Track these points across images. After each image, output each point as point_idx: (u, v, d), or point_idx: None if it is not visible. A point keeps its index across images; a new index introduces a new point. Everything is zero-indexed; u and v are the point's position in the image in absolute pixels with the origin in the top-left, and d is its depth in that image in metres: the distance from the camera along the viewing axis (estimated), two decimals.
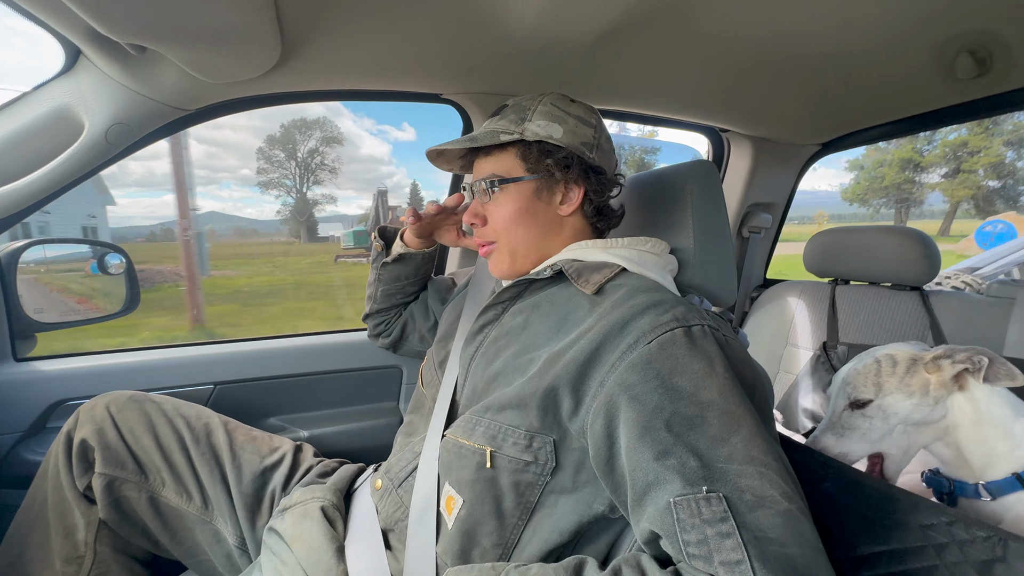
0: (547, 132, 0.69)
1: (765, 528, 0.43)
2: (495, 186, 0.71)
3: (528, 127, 0.69)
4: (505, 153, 0.71)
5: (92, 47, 0.69)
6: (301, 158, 26.21)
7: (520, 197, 0.71)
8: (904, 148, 25.40)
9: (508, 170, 0.71)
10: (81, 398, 0.96)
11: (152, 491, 0.81)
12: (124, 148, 0.83)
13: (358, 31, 0.75)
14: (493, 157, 0.72)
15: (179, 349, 1.10)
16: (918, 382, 0.67)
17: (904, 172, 25.77)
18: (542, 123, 0.69)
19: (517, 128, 0.69)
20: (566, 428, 0.57)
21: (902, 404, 0.67)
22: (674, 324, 0.55)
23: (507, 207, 0.71)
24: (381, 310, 1.04)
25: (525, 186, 0.71)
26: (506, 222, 0.71)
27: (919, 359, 0.68)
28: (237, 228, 30.54)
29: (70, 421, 0.81)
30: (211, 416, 0.90)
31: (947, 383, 0.66)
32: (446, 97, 1.04)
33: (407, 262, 0.97)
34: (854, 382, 0.71)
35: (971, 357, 0.64)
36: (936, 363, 0.66)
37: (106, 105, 0.76)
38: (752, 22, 0.80)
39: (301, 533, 0.71)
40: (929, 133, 23.20)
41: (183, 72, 0.74)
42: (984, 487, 0.63)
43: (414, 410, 0.82)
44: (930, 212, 29.32)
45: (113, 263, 1.16)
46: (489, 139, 0.69)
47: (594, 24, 0.78)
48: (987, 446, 0.64)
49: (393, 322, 1.05)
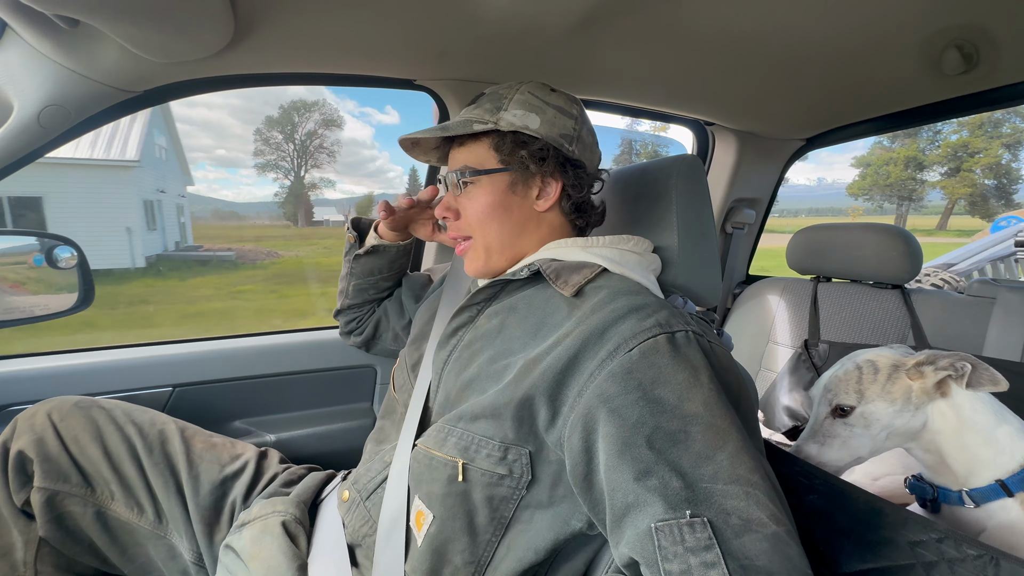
0: (523, 122, 0.64)
1: (752, 555, 0.40)
2: (467, 178, 0.67)
3: (503, 116, 0.65)
4: (479, 144, 0.67)
5: (18, 19, 0.62)
6: (299, 141, 25.61)
7: (493, 190, 0.66)
8: (909, 147, 26.76)
9: (481, 161, 0.67)
10: (22, 403, 0.89)
11: (99, 505, 0.75)
12: (62, 132, 0.75)
13: (319, 9, 0.69)
14: (467, 148, 0.68)
15: (134, 349, 1.04)
16: (900, 389, 0.65)
17: (907, 170, 27.37)
18: (518, 112, 0.65)
19: (492, 117, 0.65)
20: (543, 440, 0.54)
21: (884, 411, 0.65)
22: (657, 330, 0.52)
23: (480, 200, 0.67)
24: (353, 306, 0.99)
25: (499, 179, 0.66)
26: (479, 216, 0.67)
27: (901, 365, 0.66)
28: (216, 211, 29.52)
29: (6, 431, 0.75)
30: (167, 422, 0.84)
31: (929, 390, 0.64)
32: (420, 83, 0.98)
33: (381, 255, 0.92)
34: (835, 389, 0.69)
35: (954, 363, 0.62)
36: (918, 369, 0.64)
37: (38, 85, 0.69)
38: (738, 13, 0.78)
39: (260, 551, 0.67)
40: (933, 133, 25.36)
41: (124, 50, 0.67)
42: (968, 494, 0.62)
43: (385, 415, 0.77)
44: (929, 208, 31.42)
45: (63, 256, 1.08)
46: (462, 128, 0.65)
47: (573, 10, 0.74)
48: (970, 453, 0.62)
49: (366, 319, 1.00)
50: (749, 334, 1.44)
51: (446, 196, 0.71)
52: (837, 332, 1.26)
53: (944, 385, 0.64)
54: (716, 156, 1.49)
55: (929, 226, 26.73)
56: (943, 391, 0.64)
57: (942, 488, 0.64)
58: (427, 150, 0.75)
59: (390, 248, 0.92)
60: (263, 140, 25.39)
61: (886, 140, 28.62)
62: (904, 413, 0.64)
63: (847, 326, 1.24)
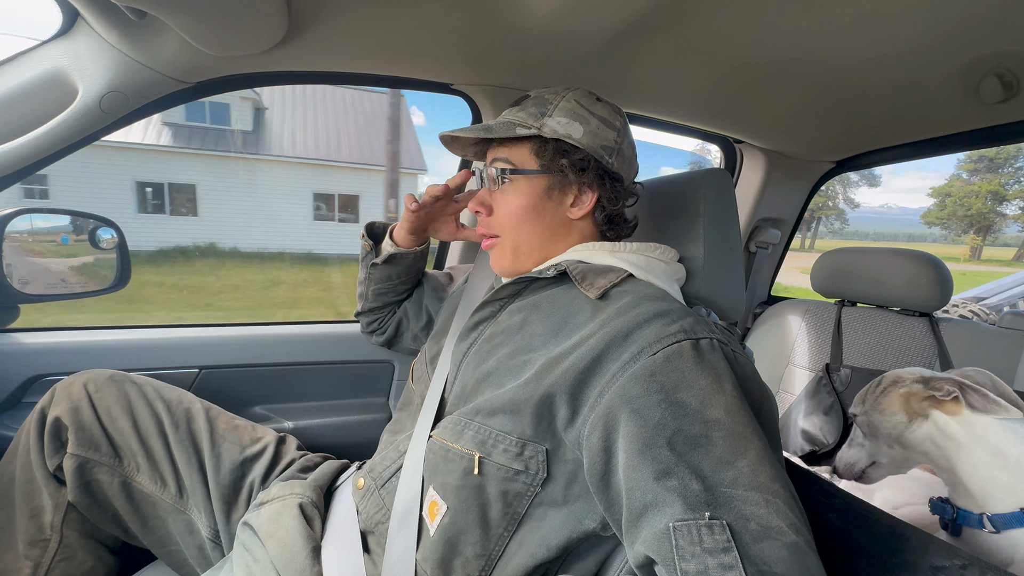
0: (566, 131, 0.65)
1: (770, 562, 0.40)
2: (505, 175, 0.68)
3: (547, 123, 0.66)
4: (520, 146, 0.68)
5: (91, 10, 0.66)
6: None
7: (530, 192, 0.67)
8: (991, 182, 28.94)
9: (521, 162, 0.68)
10: (60, 374, 0.93)
11: (125, 476, 0.78)
12: (119, 118, 0.80)
13: (368, 12, 0.72)
14: (507, 147, 0.69)
15: (165, 330, 1.07)
16: (892, 402, 0.72)
17: (989, 203, 29.35)
18: (562, 120, 0.66)
19: (535, 122, 0.66)
20: (560, 438, 0.54)
21: (879, 421, 0.73)
22: (681, 336, 0.52)
23: (515, 200, 0.68)
24: (374, 308, 1.00)
25: (536, 182, 0.67)
26: (512, 216, 0.68)
27: (899, 381, 0.73)
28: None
29: (45, 397, 0.78)
30: (193, 401, 0.87)
31: (921, 406, 0.69)
32: (456, 87, 1.01)
33: (398, 262, 0.92)
34: (854, 399, 0.78)
35: (941, 386, 0.67)
36: (911, 386, 0.71)
37: (102, 72, 0.73)
38: (773, 34, 0.78)
39: (276, 530, 0.68)
40: (1014, 169, 27.40)
41: (184, 42, 0.71)
42: (988, 518, 0.61)
43: (403, 407, 0.79)
44: (1005, 240, 33.71)
45: (105, 237, 1.13)
46: (504, 130, 0.66)
47: (611, 23, 0.76)
48: (983, 474, 0.63)
49: (387, 320, 1.02)
50: (769, 355, 1.42)
51: (481, 191, 0.72)
52: (861, 357, 1.23)
53: (951, 405, 0.67)
54: (743, 174, 1.48)
55: (1006, 257, 27.65)
56: (949, 410, 0.67)
57: (963, 510, 0.63)
58: (465, 146, 0.76)
59: (407, 255, 0.91)
60: None
61: (964, 173, 30.57)
62: (898, 425, 0.71)
63: (871, 352, 1.22)
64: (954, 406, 0.66)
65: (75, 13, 0.70)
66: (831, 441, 1.19)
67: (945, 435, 0.65)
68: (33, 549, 0.73)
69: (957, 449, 0.64)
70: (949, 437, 0.65)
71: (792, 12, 0.71)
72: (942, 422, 0.66)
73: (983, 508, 0.62)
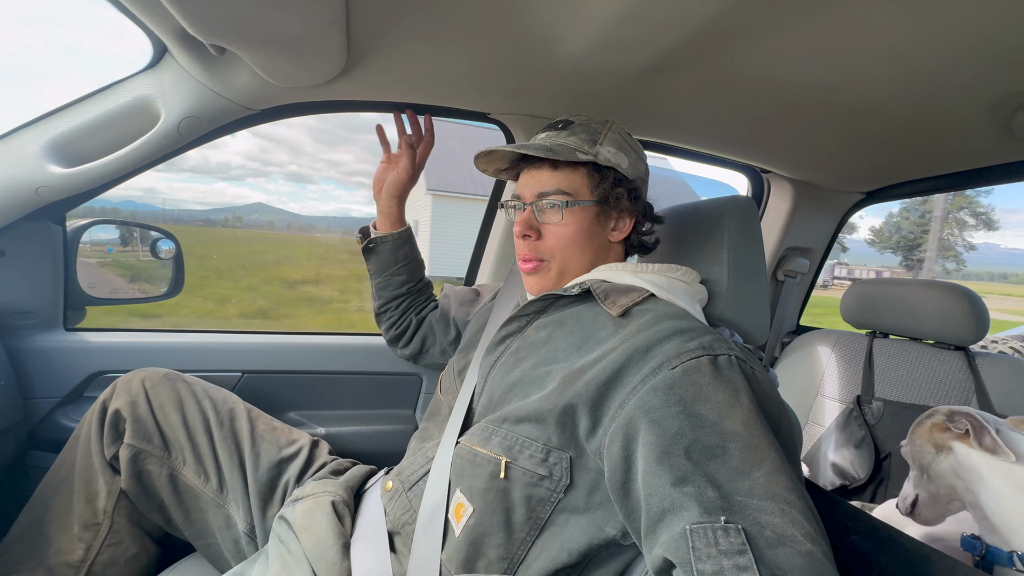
0: (616, 160, 0.70)
1: (785, 568, 0.40)
2: (564, 207, 0.70)
3: (600, 151, 0.70)
4: (575, 172, 0.71)
5: (178, 46, 0.75)
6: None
7: (585, 220, 0.71)
8: None
9: (575, 189, 0.71)
10: (119, 371, 1.00)
11: (173, 468, 0.83)
12: (191, 140, 0.89)
13: (418, 49, 0.80)
14: (560, 172, 0.71)
15: (213, 335, 1.15)
16: (923, 433, 0.75)
17: None
18: (612, 150, 0.71)
19: (591, 149, 0.70)
20: (583, 447, 0.57)
21: (914, 452, 0.76)
22: (700, 352, 0.54)
23: (570, 228, 0.71)
24: (382, 306, 1.05)
25: (590, 209, 0.72)
26: (566, 242, 0.71)
27: (934, 414, 0.76)
28: (292, 223, 31.61)
29: (107, 391, 0.85)
30: (236, 402, 0.92)
31: (943, 438, 0.72)
32: (493, 116, 1.08)
33: (383, 248, 1.00)
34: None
35: (962, 421, 0.69)
36: (936, 419, 0.74)
37: (183, 99, 0.82)
38: (799, 70, 0.80)
39: (310, 524, 0.72)
40: None
41: (255, 74, 0.80)
42: (1019, 556, 0.59)
43: (430, 417, 0.82)
44: None
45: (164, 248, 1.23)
46: (566, 155, 0.69)
47: (640, 59, 0.80)
48: (1007, 507, 0.63)
49: (405, 328, 1.05)
50: (797, 385, 1.40)
51: (526, 213, 0.73)
52: (893, 390, 1.20)
53: (968, 439, 0.69)
54: (771, 203, 1.49)
55: None
56: (969, 443, 0.69)
57: (992, 548, 0.62)
58: (494, 162, 0.79)
59: (387, 238, 1.00)
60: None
61: None
62: (927, 456, 0.74)
63: (904, 385, 1.19)
64: (971, 440, 0.68)
65: (163, 49, 0.80)
66: (862, 476, 1.15)
67: (965, 467, 0.67)
68: (87, 531, 0.79)
69: (978, 481, 0.65)
70: (970, 469, 0.66)
71: (820, 49, 0.73)
72: (963, 454, 0.67)
73: (1010, 545, 0.61)
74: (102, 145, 0.84)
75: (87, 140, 0.83)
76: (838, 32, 0.69)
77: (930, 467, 0.71)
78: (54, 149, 0.83)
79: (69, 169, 0.83)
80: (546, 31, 0.73)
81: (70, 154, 0.84)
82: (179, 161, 11.81)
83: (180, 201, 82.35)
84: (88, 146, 0.84)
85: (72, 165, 0.84)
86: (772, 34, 0.70)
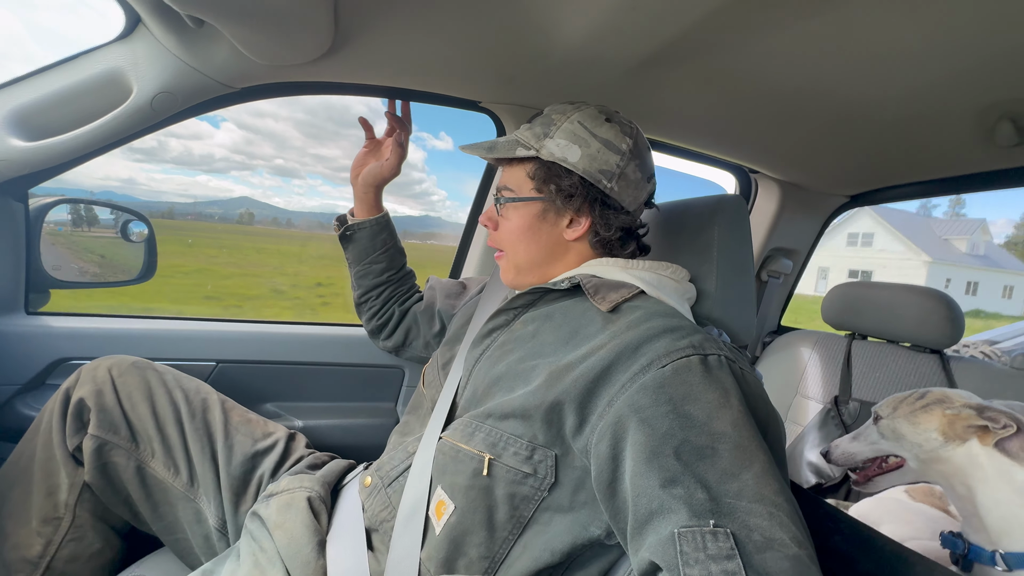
0: (563, 154, 0.67)
1: (772, 572, 0.40)
2: (502, 203, 0.73)
3: (547, 144, 0.68)
4: (521, 167, 0.72)
5: (153, 16, 0.71)
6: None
7: (526, 215, 0.71)
8: None
9: (518, 185, 0.72)
10: (84, 358, 0.96)
11: (140, 460, 0.80)
12: (166, 118, 0.85)
13: (408, 30, 0.77)
14: (511, 167, 0.74)
15: (186, 322, 1.10)
16: (929, 418, 0.71)
17: None
18: (561, 143, 0.67)
19: (536, 144, 0.69)
20: (569, 445, 0.56)
21: (907, 431, 0.73)
22: (690, 351, 0.54)
23: (512, 222, 0.72)
24: (364, 296, 1.03)
25: (531, 205, 0.71)
26: (511, 236, 0.73)
27: (944, 401, 0.72)
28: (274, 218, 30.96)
29: (71, 379, 0.81)
30: (209, 392, 0.89)
31: (959, 431, 0.68)
32: (484, 105, 1.05)
33: (360, 235, 0.98)
34: (885, 401, 0.79)
35: (996, 418, 0.65)
36: (960, 410, 0.68)
37: (156, 73, 0.78)
38: (791, 70, 0.81)
39: (284, 521, 0.69)
40: None
41: (235, 50, 0.76)
42: (1002, 556, 0.60)
43: (412, 411, 0.80)
44: None
45: (136, 231, 1.17)
46: (505, 151, 0.70)
47: (635, 52, 0.79)
48: (1004, 510, 0.62)
49: (387, 319, 1.03)
50: (777, 385, 1.42)
51: (491, 206, 0.77)
52: (870, 391, 1.23)
53: (988, 436, 0.66)
54: (758, 203, 1.51)
55: None
56: (985, 441, 0.66)
57: (975, 546, 0.63)
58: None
59: (364, 224, 0.97)
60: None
61: None
62: (929, 442, 0.70)
63: (880, 386, 1.22)
64: (989, 437, 0.65)
65: (137, 18, 0.75)
66: (838, 475, 1.18)
67: (975, 465, 0.65)
68: (46, 526, 0.75)
69: (982, 481, 0.64)
70: (978, 467, 0.65)
71: (811, 49, 0.74)
72: (975, 451, 0.65)
73: (996, 545, 0.61)
74: (68, 119, 0.79)
75: (51, 112, 0.78)
76: (832, 34, 0.69)
77: (931, 452, 0.69)
78: (15, 121, 0.78)
79: (32, 143, 0.78)
80: (542, 18, 0.72)
81: (33, 127, 0.79)
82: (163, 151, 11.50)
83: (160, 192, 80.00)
84: (53, 119, 0.79)
85: (35, 139, 0.79)
86: (767, 33, 0.70)
